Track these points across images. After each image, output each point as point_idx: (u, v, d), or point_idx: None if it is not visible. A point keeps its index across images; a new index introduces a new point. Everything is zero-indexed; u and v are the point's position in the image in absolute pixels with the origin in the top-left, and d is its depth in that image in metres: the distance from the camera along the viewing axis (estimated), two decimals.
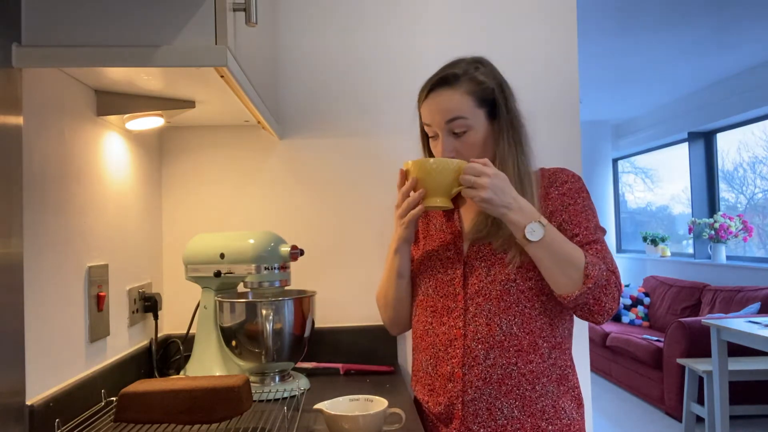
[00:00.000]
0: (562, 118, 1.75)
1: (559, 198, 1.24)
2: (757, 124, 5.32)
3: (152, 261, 1.63)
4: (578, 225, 1.23)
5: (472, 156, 1.22)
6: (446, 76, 1.23)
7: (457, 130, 1.22)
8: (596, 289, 1.14)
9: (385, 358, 1.67)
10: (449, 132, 1.23)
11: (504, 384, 1.18)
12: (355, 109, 1.73)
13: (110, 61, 0.98)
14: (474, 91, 1.22)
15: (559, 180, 1.27)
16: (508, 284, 1.20)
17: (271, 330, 1.37)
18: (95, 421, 1.14)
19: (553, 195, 1.25)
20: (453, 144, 1.23)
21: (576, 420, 1.21)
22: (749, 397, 3.96)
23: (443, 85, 1.23)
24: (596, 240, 1.22)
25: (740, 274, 5.02)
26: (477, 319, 1.21)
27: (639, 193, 7.48)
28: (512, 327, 1.20)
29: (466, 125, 1.22)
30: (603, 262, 1.18)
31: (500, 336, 1.20)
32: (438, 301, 1.26)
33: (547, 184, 1.27)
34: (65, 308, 1.13)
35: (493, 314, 1.20)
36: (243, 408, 1.08)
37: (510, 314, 1.20)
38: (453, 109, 1.21)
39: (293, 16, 1.73)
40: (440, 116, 1.22)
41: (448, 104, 1.21)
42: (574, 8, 1.76)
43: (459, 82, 1.22)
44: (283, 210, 1.73)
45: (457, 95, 1.21)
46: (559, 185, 1.26)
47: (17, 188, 0.96)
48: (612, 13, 3.82)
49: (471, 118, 1.22)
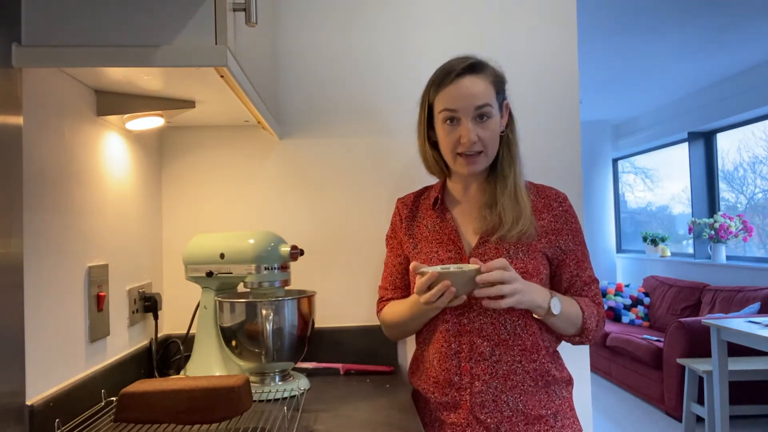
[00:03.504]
0: (562, 118, 1.75)
1: (563, 216, 1.31)
2: (757, 124, 5.32)
3: (152, 261, 1.63)
4: (584, 260, 1.32)
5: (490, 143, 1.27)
6: (474, 64, 1.27)
7: (486, 116, 1.26)
8: (591, 335, 1.29)
9: (385, 358, 1.67)
10: (475, 118, 1.25)
11: (509, 380, 1.24)
12: (355, 109, 1.73)
13: (110, 61, 0.98)
14: (495, 82, 1.28)
15: (554, 197, 1.33)
16: None
17: (271, 330, 1.37)
18: (95, 421, 1.13)
19: (557, 211, 1.31)
20: (477, 129, 1.26)
21: (566, 398, 1.31)
22: (749, 397, 3.96)
23: (472, 71, 1.26)
24: (594, 279, 1.33)
25: (740, 274, 5.02)
26: (481, 318, 1.26)
27: (639, 193, 7.48)
28: (516, 328, 1.26)
29: (491, 113, 1.26)
30: (597, 305, 1.30)
31: (505, 335, 1.26)
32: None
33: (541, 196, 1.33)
34: (65, 308, 1.13)
35: (498, 313, 1.25)
36: (243, 408, 1.08)
37: (514, 316, 1.26)
38: (483, 96, 1.25)
39: (293, 16, 1.73)
40: (470, 101, 1.24)
41: (479, 90, 1.25)
42: (574, 8, 1.76)
43: (485, 71, 1.28)
44: (283, 210, 1.73)
45: (486, 83, 1.26)
46: (560, 202, 1.33)
47: (17, 188, 0.96)
48: (612, 13, 3.81)
49: (494, 107, 1.27)
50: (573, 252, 1.31)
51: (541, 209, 1.31)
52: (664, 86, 5.67)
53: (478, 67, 1.27)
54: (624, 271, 7.08)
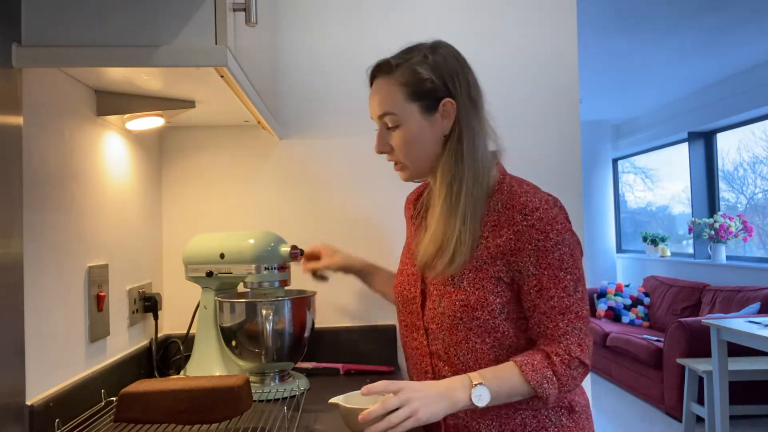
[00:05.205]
0: (562, 118, 1.75)
1: (526, 232, 1.05)
2: (757, 124, 5.31)
3: (152, 261, 1.63)
4: (553, 280, 1.05)
5: (402, 153, 1.13)
6: (381, 64, 1.13)
7: (391, 124, 1.12)
8: (550, 400, 1.04)
9: (385, 358, 1.67)
10: (384, 126, 1.14)
11: (480, 414, 1.09)
12: (355, 109, 1.73)
13: (110, 61, 0.98)
14: (408, 83, 1.10)
15: (520, 208, 1.06)
16: (456, 320, 1.09)
17: (271, 330, 1.37)
18: (95, 421, 1.13)
19: (519, 226, 1.06)
20: (386, 138, 1.14)
21: (567, 426, 1.11)
22: (749, 397, 3.96)
23: (380, 73, 1.13)
24: (572, 306, 1.05)
25: (740, 274, 5.02)
26: (437, 343, 1.13)
27: (639, 193, 7.48)
28: (468, 361, 1.10)
29: (397, 120, 1.11)
30: (560, 363, 1.03)
31: (460, 366, 1.11)
32: (406, 316, 1.20)
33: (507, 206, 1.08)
34: (65, 308, 1.13)
35: (448, 345, 1.11)
36: (243, 408, 1.08)
37: (463, 349, 1.10)
38: (383, 104, 1.12)
39: (293, 16, 1.73)
40: (372, 110, 1.15)
41: (380, 97, 1.13)
42: (574, 8, 1.76)
43: (394, 72, 1.11)
44: (283, 210, 1.73)
45: (390, 87, 1.11)
46: (525, 215, 1.06)
47: (17, 188, 0.96)
48: (612, 13, 3.81)
49: (400, 114, 1.10)
50: (534, 277, 1.05)
51: (502, 224, 1.08)
52: (664, 86, 5.67)
53: (384, 68, 1.12)
54: (624, 271, 7.08)
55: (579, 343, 1.04)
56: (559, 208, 1.08)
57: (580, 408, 1.14)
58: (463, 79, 1.11)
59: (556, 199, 1.09)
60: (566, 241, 1.05)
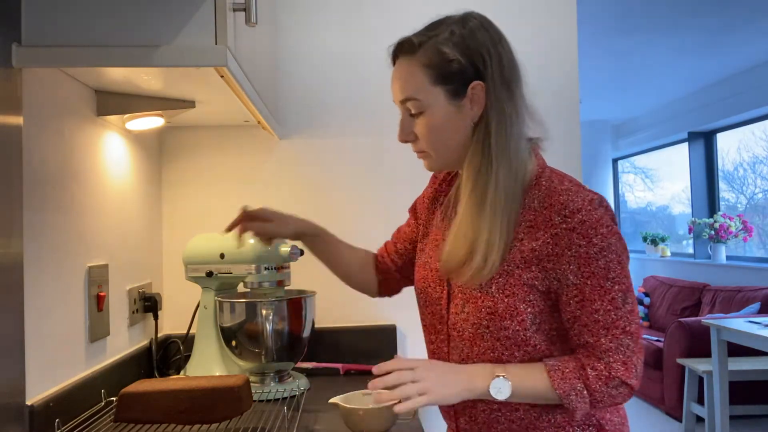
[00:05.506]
0: (562, 118, 1.75)
1: (566, 235, 0.92)
2: (757, 124, 5.31)
3: (152, 261, 1.63)
4: (598, 291, 0.92)
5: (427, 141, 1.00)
6: (403, 42, 1.01)
7: (414, 110, 0.99)
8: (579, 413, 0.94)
9: (385, 359, 1.66)
10: (407, 112, 1.01)
11: (492, 428, 1.01)
12: (355, 109, 1.73)
13: (110, 61, 0.98)
14: (431, 65, 0.97)
15: (559, 208, 0.93)
16: (481, 329, 0.97)
17: (271, 330, 1.37)
18: (95, 421, 1.13)
19: (558, 229, 0.93)
20: (409, 126, 1.01)
21: None
22: (749, 397, 3.96)
23: (402, 52, 1.01)
24: (619, 320, 0.92)
25: (740, 274, 5.02)
26: (455, 352, 1.03)
27: (639, 193, 7.48)
28: None
29: (421, 106, 0.98)
30: (617, 364, 0.92)
31: None
32: (428, 316, 1.10)
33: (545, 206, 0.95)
34: (65, 308, 1.13)
35: (467, 356, 1.00)
36: (243, 408, 1.08)
37: (486, 361, 0.98)
38: (406, 88, 0.99)
39: (293, 16, 1.73)
40: (394, 95, 1.03)
41: (402, 81, 1.00)
42: (574, 8, 1.76)
43: (417, 52, 0.99)
44: (283, 210, 1.73)
45: (412, 68, 0.99)
46: (565, 216, 0.92)
47: (17, 188, 0.96)
48: (612, 13, 3.81)
49: (424, 99, 0.97)
50: (575, 287, 0.92)
51: (539, 225, 0.94)
52: (664, 86, 5.67)
53: (406, 47, 1.00)
54: None
55: (624, 361, 0.92)
56: (604, 209, 0.93)
57: (612, 427, 1.01)
58: (495, 57, 0.99)
59: (602, 198, 0.95)
60: (612, 247, 0.91)
